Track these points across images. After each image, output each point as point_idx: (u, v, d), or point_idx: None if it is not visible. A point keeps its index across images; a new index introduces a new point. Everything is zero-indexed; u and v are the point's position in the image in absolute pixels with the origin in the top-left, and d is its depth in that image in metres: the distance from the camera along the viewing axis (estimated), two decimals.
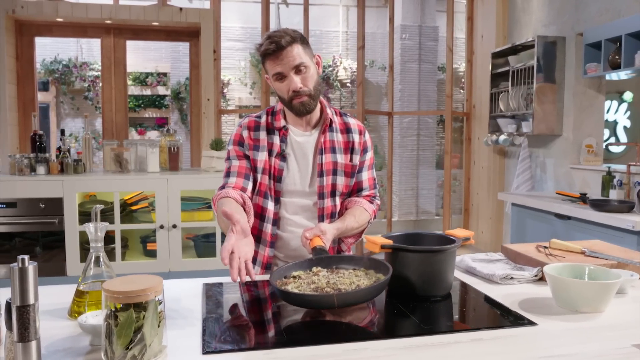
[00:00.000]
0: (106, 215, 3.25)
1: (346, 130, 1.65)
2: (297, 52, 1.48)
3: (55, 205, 3.19)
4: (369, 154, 1.70)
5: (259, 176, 1.58)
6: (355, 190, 1.69)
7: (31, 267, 0.88)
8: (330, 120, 1.62)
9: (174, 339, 1.03)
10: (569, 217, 2.96)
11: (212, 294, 1.31)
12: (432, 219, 7.06)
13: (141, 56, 6.77)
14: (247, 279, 1.20)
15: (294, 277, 1.22)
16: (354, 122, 1.68)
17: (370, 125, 7.33)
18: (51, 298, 1.27)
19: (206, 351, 0.96)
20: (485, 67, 4.64)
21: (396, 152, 6.91)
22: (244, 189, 1.55)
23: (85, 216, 3.29)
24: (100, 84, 4.47)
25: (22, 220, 3.17)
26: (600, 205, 2.76)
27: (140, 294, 0.92)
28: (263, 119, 1.62)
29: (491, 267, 1.50)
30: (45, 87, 6.47)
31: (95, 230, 1.18)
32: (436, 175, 7.05)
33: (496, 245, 4.69)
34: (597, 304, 1.17)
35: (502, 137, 4.24)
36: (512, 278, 1.40)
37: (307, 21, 4.86)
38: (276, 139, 1.59)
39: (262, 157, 1.58)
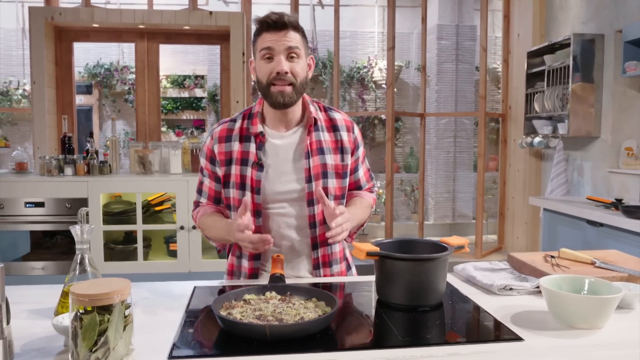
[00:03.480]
0: (129, 215, 3.33)
1: (332, 127, 1.55)
2: (295, 38, 1.42)
3: (80, 205, 3.29)
4: (361, 149, 1.61)
5: (231, 191, 1.50)
6: (354, 188, 1.65)
7: None
8: (315, 119, 1.51)
9: (146, 342, 1.03)
10: (601, 224, 2.81)
11: (198, 297, 1.31)
12: (469, 222, 6.87)
13: (179, 59, 6.91)
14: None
15: (245, 300, 1.18)
16: (340, 118, 1.57)
17: (406, 127, 7.23)
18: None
19: (172, 356, 0.96)
20: (522, 66, 4.48)
21: (432, 154, 6.78)
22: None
23: (109, 216, 3.38)
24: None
25: (49, 220, 3.30)
26: (633, 212, 2.61)
27: (104, 297, 0.92)
28: (237, 125, 1.52)
29: (492, 276, 1.43)
30: (88, 90, 6.71)
31: (81, 232, 1.20)
32: (474, 178, 6.86)
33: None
34: (594, 320, 1.10)
35: (536, 139, 4.08)
36: (511, 289, 1.34)
37: (337, 22, 4.84)
38: (252, 147, 1.48)
39: (234, 170, 1.48)
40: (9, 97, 6.50)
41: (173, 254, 3.47)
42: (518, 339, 1.04)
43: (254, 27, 1.46)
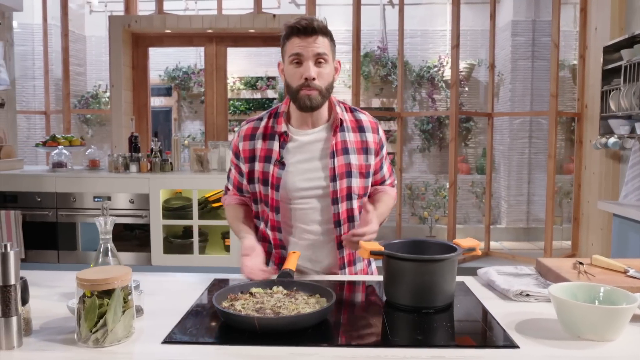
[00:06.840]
0: (186, 210, 3.52)
1: (359, 128, 1.58)
2: (324, 43, 1.46)
3: (142, 201, 3.53)
4: (384, 149, 1.66)
5: (256, 186, 1.56)
6: (379, 184, 1.70)
7: (12, 253, 1.00)
8: (341, 119, 1.55)
9: (149, 327, 1.10)
10: None
11: (212, 289, 1.37)
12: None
13: (253, 61, 7.16)
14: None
15: (250, 293, 1.21)
16: (366, 119, 1.61)
17: (478, 127, 7.01)
18: None
19: (165, 341, 1.02)
20: (598, 62, 4.20)
21: (505, 154, 6.52)
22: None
23: (168, 211, 3.58)
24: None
25: (114, 213, 3.53)
26: None
27: (103, 282, 1.00)
28: (262, 123, 1.57)
29: (513, 281, 1.37)
30: (168, 92, 7.11)
31: (105, 223, 1.30)
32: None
33: None
34: (604, 332, 1.03)
35: (611, 140, 3.81)
36: (528, 295, 1.28)
37: (402, 22, 4.81)
38: (275, 145, 1.53)
39: (257, 167, 1.55)
40: (98, 99, 7.03)
41: (229, 249, 3.61)
42: (513, 346, 1.00)
43: (283, 32, 1.50)
